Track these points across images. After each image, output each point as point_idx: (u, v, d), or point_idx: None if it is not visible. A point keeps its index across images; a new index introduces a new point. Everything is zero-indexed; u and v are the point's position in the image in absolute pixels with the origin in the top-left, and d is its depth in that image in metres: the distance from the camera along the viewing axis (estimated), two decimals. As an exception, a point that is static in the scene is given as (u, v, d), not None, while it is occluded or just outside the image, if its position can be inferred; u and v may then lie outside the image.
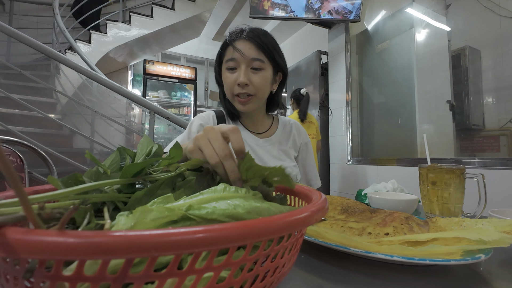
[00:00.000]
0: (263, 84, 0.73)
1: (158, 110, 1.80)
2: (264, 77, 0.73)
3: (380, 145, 2.34)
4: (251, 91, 0.72)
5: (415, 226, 0.40)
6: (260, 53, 0.72)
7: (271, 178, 0.30)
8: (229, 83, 0.73)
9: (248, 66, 0.71)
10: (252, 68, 0.72)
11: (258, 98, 0.75)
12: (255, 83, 0.72)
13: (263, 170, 0.29)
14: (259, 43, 0.72)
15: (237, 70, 0.72)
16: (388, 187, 0.80)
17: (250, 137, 0.82)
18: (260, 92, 0.74)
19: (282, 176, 0.29)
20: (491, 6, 1.90)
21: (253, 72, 0.72)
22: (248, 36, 0.72)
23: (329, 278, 0.32)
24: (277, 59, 0.75)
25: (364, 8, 2.38)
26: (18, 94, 2.12)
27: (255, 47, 0.72)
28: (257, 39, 0.72)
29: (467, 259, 0.31)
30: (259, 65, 0.72)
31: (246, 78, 0.70)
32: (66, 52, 3.30)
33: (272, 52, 0.73)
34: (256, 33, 0.73)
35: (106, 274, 0.14)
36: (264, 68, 0.73)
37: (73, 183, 0.24)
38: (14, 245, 0.13)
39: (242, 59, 0.71)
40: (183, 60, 5.08)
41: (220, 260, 0.17)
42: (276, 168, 0.28)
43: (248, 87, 0.72)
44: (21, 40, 1.66)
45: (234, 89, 0.73)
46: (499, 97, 1.95)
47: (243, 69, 0.71)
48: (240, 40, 0.72)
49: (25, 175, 0.89)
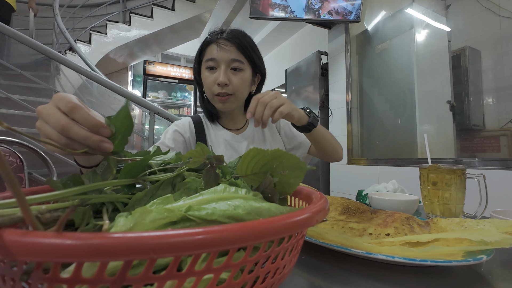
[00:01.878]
0: (242, 84, 0.75)
1: (158, 111, 1.80)
2: (243, 78, 0.74)
3: (380, 146, 2.34)
4: (230, 91, 0.74)
5: (416, 227, 0.40)
6: (240, 54, 0.74)
7: (280, 170, 0.28)
8: (209, 82, 0.74)
9: (227, 67, 0.73)
10: (232, 69, 0.73)
11: (237, 98, 0.76)
12: (234, 83, 0.73)
13: (273, 161, 0.27)
14: (239, 44, 0.73)
15: (216, 70, 0.73)
16: (389, 187, 0.79)
17: (229, 135, 0.84)
18: (239, 92, 0.75)
19: (296, 166, 0.27)
20: (491, 6, 1.90)
21: (233, 72, 0.73)
22: (228, 37, 0.73)
23: (330, 279, 0.32)
24: (256, 60, 0.77)
25: (364, 9, 2.39)
26: (18, 94, 2.13)
27: (235, 48, 0.73)
28: (237, 40, 0.73)
29: (469, 260, 0.31)
30: (238, 66, 0.73)
31: (225, 78, 0.72)
32: (66, 52, 3.31)
33: (251, 53, 0.75)
34: (235, 34, 0.74)
35: (105, 276, 0.14)
36: (243, 69, 0.74)
37: (72, 184, 0.24)
38: (11, 247, 0.12)
39: (222, 59, 0.72)
40: (183, 61, 5.09)
41: (220, 262, 0.17)
42: (290, 155, 0.26)
43: (228, 87, 0.73)
44: (21, 40, 1.66)
45: (214, 89, 0.73)
46: (499, 97, 1.95)
47: (222, 69, 0.72)
48: (220, 40, 0.73)
49: (24, 176, 0.89)
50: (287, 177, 0.28)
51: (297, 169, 0.28)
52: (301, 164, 0.27)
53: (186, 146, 0.81)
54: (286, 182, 0.29)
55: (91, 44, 3.43)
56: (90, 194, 0.23)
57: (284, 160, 0.27)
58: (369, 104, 2.43)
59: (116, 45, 3.56)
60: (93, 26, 3.57)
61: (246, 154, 0.29)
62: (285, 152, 0.27)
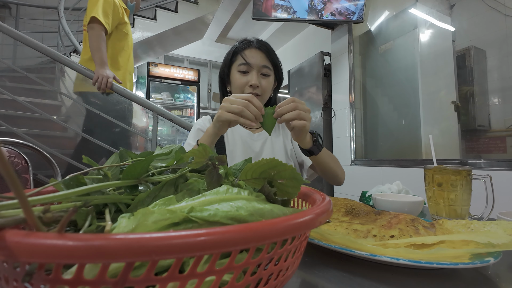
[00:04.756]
0: (269, 87, 0.86)
1: (161, 112, 1.81)
2: (270, 82, 0.86)
3: (384, 146, 2.32)
4: (260, 92, 0.84)
5: (421, 229, 0.39)
6: (268, 61, 0.86)
7: (277, 179, 0.28)
8: (241, 83, 0.84)
9: (258, 71, 0.84)
10: (262, 74, 0.85)
11: (263, 98, 0.86)
12: (263, 86, 0.84)
13: (270, 169, 0.28)
14: (267, 52, 0.86)
15: (248, 74, 0.84)
16: (393, 188, 0.79)
17: (245, 133, 0.92)
18: (266, 94, 0.86)
19: (292, 177, 0.28)
20: (496, 5, 1.88)
21: (262, 77, 0.85)
22: (258, 46, 0.85)
23: (334, 282, 0.32)
24: (279, 67, 0.89)
25: (367, 9, 2.38)
26: (24, 96, 2.15)
27: (264, 55, 0.85)
28: (265, 48, 0.86)
29: (476, 262, 0.31)
30: (267, 72, 0.85)
31: (258, 81, 0.83)
32: (71, 54, 3.34)
33: (276, 60, 0.88)
34: (264, 43, 0.87)
35: (106, 277, 0.14)
36: (270, 75, 0.86)
37: (74, 185, 0.24)
38: (13, 248, 0.12)
39: (255, 65, 0.83)
40: (186, 62, 5.11)
41: (223, 264, 0.17)
42: (286, 166, 0.27)
43: (258, 88, 0.83)
44: (27, 43, 1.69)
45: (245, 89, 0.84)
46: (505, 97, 1.93)
47: (254, 73, 0.83)
48: (251, 48, 0.85)
49: (30, 177, 0.90)
50: (286, 187, 0.29)
51: (293, 179, 0.28)
52: (297, 175, 0.28)
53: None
54: (285, 191, 0.29)
55: (95, 47, 3.46)
56: (92, 195, 0.23)
57: (280, 169, 0.28)
58: (372, 104, 2.41)
59: (120, 47, 3.58)
60: (97, 28, 3.60)
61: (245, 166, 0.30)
62: (281, 162, 0.27)
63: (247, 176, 0.30)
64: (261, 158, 0.28)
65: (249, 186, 0.30)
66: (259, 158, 0.29)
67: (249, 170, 0.29)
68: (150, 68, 4.30)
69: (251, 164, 0.29)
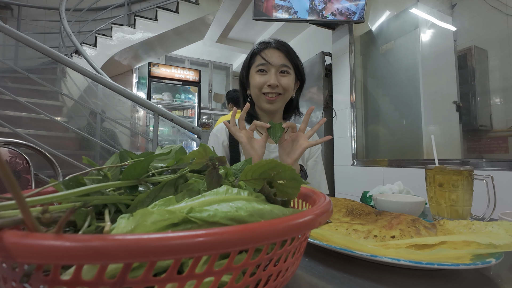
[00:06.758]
0: (289, 85, 0.84)
1: (162, 112, 1.81)
2: (290, 80, 0.85)
3: (385, 147, 2.32)
4: (280, 91, 0.84)
5: (422, 229, 0.39)
6: (287, 60, 0.84)
7: (277, 180, 0.29)
8: (259, 82, 0.83)
9: (277, 71, 0.83)
10: (280, 72, 0.83)
11: (284, 97, 0.85)
12: (283, 84, 0.83)
13: (270, 170, 0.28)
14: (286, 52, 0.84)
15: (266, 73, 0.83)
16: (394, 189, 0.78)
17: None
18: (287, 92, 0.85)
19: (292, 178, 0.28)
20: (498, 5, 1.87)
21: (281, 75, 0.83)
22: (276, 46, 0.84)
23: (334, 282, 0.32)
24: (299, 67, 0.88)
25: (368, 9, 2.37)
26: (25, 97, 2.16)
27: (283, 55, 0.84)
28: (284, 48, 0.84)
29: (477, 263, 0.30)
30: (286, 70, 0.84)
31: (276, 80, 0.82)
32: (72, 55, 3.35)
33: (296, 60, 0.86)
34: (283, 43, 0.86)
35: (104, 278, 0.14)
36: (290, 73, 0.85)
37: (74, 185, 0.24)
38: (11, 249, 0.12)
39: (273, 64, 0.82)
40: (187, 63, 5.11)
41: (221, 265, 0.17)
42: (285, 166, 0.27)
43: (278, 88, 0.83)
44: (29, 44, 1.69)
45: (264, 89, 0.83)
46: (507, 97, 1.92)
47: (273, 72, 0.82)
48: (270, 49, 0.84)
49: (31, 177, 0.90)
50: (285, 187, 0.29)
51: (293, 180, 0.28)
52: (296, 176, 0.28)
53: (224, 149, 0.90)
54: (285, 192, 0.29)
55: (96, 47, 3.46)
56: (92, 195, 0.23)
57: (280, 170, 0.28)
58: (373, 105, 2.40)
59: (121, 48, 3.59)
60: (99, 29, 3.60)
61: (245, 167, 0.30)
62: (280, 163, 0.27)
63: (247, 177, 0.30)
64: None
65: (249, 187, 0.30)
66: None
67: (249, 170, 0.29)
68: (151, 69, 4.31)
69: (251, 165, 0.29)
